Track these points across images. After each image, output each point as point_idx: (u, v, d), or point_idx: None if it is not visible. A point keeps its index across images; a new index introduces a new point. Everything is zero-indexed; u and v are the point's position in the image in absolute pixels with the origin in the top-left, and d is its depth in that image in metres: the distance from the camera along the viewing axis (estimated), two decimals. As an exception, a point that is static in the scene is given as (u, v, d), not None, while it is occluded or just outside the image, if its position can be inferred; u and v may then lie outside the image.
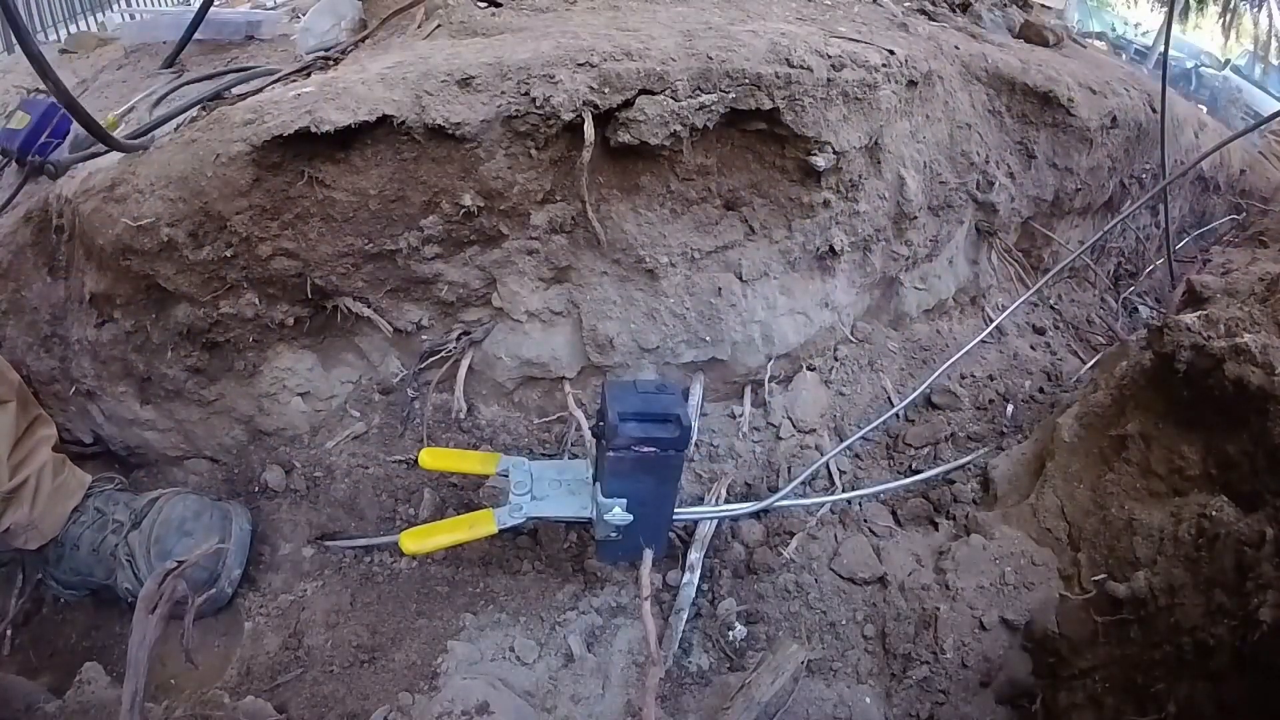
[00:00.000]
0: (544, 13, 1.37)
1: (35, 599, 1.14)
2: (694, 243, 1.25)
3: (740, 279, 1.31)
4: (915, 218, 1.45)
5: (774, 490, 1.24)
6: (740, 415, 1.37)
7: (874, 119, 1.27)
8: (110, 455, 1.28)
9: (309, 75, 1.40)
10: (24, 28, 0.81)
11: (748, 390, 1.40)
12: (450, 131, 1.05)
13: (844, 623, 1.12)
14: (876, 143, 1.31)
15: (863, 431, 1.35)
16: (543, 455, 1.28)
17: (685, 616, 1.09)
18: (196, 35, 1.83)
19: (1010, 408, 1.50)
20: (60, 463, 1.09)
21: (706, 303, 1.29)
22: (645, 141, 1.10)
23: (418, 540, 0.97)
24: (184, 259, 1.08)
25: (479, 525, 0.99)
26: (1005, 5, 2.08)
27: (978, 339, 1.52)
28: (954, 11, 1.89)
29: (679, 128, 1.11)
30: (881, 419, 1.38)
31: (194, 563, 1.00)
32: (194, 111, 1.31)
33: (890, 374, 1.49)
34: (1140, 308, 2.03)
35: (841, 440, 1.36)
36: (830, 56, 1.19)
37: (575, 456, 1.26)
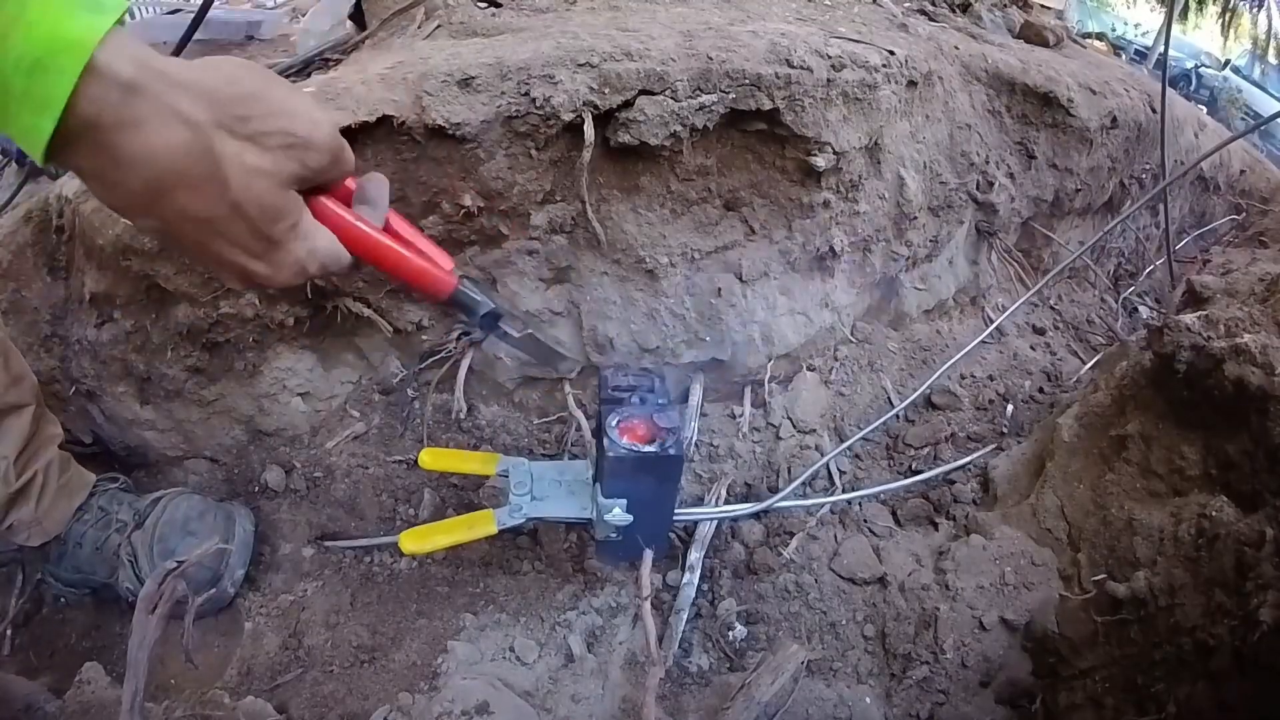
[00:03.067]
0: (544, 13, 1.37)
1: (35, 599, 1.14)
2: (694, 243, 1.25)
3: (740, 279, 1.31)
4: (915, 218, 1.45)
5: (774, 490, 1.24)
6: (740, 415, 1.37)
7: (874, 119, 1.27)
8: (110, 455, 1.28)
9: (309, 75, 1.40)
10: None
11: (748, 390, 1.40)
12: (450, 132, 1.05)
13: (844, 623, 1.12)
14: (876, 143, 1.31)
15: (863, 432, 1.35)
16: (543, 455, 1.28)
17: (685, 617, 1.09)
18: (196, 35, 1.83)
19: (1010, 408, 1.50)
20: (66, 461, 1.09)
21: (706, 303, 1.30)
22: (645, 142, 1.10)
23: (417, 540, 0.97)
24: (184, 259, 1.08)
25: (479, 525, 0.99)
26: (1005, 5, 2.08)
27: (978, 339, 1.52)
28: (954, 11, 1.89)
29: (679, 128, 1.11)
30: (881, 419, 1.38)
31: (195, 562, 1.00)
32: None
33: (890, 374, 1.50)
34: (1140, 308, 2.03)
35: (841, 440, 1.36)
36: (830, 57, 1.19)
37: (575, 457, 1.26)
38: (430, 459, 1.08)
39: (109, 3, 0.44)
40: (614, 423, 0.99)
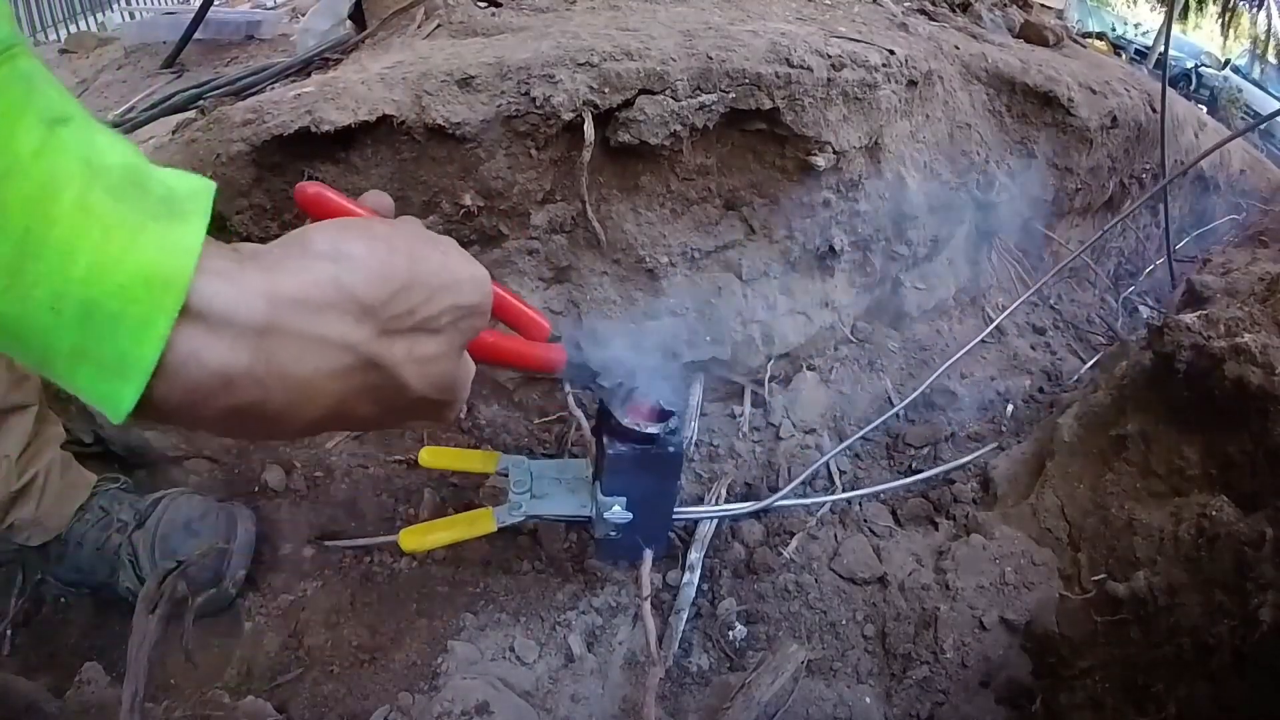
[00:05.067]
0: (544, 13, 1.37)
1: (35, 599, 1.13)
2: (694, 243, 1.25)
3: (740, 279, 1.31)
4: (915, 218, 1.45)
5: (774, 490, 1.24)
6: (740, 415, 1.37)
7: (874, 119, 1.27)
8: (110, 455, 1.27)
9: (309, 75, 1.40)
10: None
11: (748, 390, 1.40)
12: (450, 131, 1.05)
13: (844, 623, 1.12)
14: (876, 142, 1.31)
15: (863, 431, 1.34)
16: (543, 455, 1.28)
17: (685, 616, 1.09)
18: (196, 35, 1.83)
19: (1010, 408, 1.50)
20: (67, 460, 1.09)
21: (706, 303, 1.30)
22: (645, 141, 1.10)
23: (417, 538, 0.97)
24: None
25: (478, 523, 0.99)
26: (1005, 5, 2.08)
27: (978, 339, 1.52)
28: (954, 11, 1.89)
29: (679, 128, 1.11)
30: (881, 419, 1.38)
31: (195, 562, 1.00)
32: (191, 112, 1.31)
33: (890, 374, 1.50)
34: (1140, 308, 2.03)
35: (841, 440, 1.36)
36: (830, 56, 1.19)
37: (575, 456, 1.26)
38: (430, 457, 1.08)
39: (187, 201, 0.32)
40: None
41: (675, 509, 1.09)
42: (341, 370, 0.37)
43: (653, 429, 0.98)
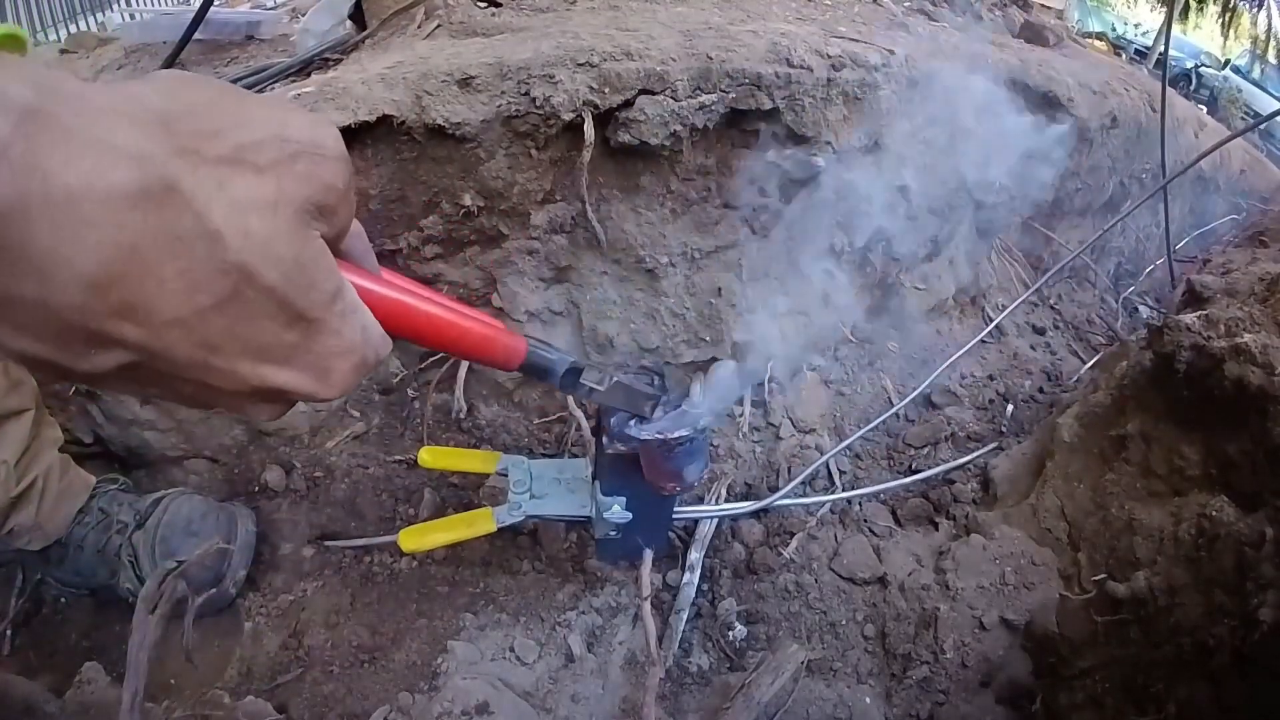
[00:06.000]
0: (544, 13, 1.37)
1: (35, 599, 1.13)
2: (694, 243, 1.25)
3: (740, 279, 1.31)
4: (915, 218, 1.45)
5: (774, 490, 1.24)
6: (740, 415, 1.37)
7: (874, 119, 1.27)
8: (110, 455, 1.27)
9: (309, 75, 1.40)
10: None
11: (748, 390, 1.40)
12: (450, 131, 1.05)
13: (844, 623, 1.12)
14: (876, 143, 1.31)
15: (863, 431, 1.34)
16: (543, 455, 1.28)
17: (685, 616, 1.09)
18: (196, 35, 1.83)
19: (1010, 408, 1.49)
20: (65, 463, 1.08)
21: (706, 303, 1.30)
22: (645, 141, 1.10)
23: (416, 538, 0.97)
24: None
25: (477, 524, 0.99)
26: (1005, 5, 2.08)
27: (978, 339, 1.52)
28: (954, 11, 1.89)
29: (679, 128, 1.11)
30: (881, 419, 1.38)
31: (195, 563, 1.00)
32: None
33: (890, 374, 1.50)
34: (1140, 308, 2.03)
35: (841, 440, 1.36)
36: (830, 56, 1.19)
37: (575, 456, 1.26)
38: (430, 457, 1.08)
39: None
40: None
41: (675, 509, 1.09)
42: (125, 189, 0.29)
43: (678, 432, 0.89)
